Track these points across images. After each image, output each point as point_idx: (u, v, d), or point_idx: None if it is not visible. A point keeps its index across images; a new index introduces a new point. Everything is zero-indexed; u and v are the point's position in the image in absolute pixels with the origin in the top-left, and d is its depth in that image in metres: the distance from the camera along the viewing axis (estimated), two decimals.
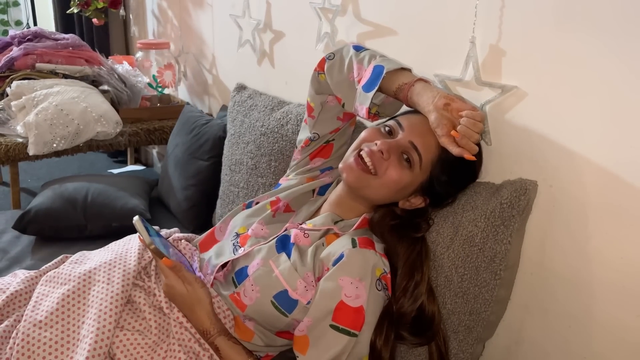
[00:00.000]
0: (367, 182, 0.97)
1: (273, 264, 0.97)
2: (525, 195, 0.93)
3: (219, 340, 0.92)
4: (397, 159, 0.96)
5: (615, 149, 0.85)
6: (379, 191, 0.99)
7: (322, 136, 1.18)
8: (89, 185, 1.72)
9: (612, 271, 0.89)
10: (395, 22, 1.23)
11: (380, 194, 1.00)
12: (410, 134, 0.96)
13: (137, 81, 2.22)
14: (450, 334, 1.00)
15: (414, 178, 0.97)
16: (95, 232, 1.64)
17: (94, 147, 2.01)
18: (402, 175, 0.96)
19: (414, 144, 0.95)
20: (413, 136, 0.96)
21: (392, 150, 0.96)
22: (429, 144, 0.96)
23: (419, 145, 0.95)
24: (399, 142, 0.96)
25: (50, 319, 0.91)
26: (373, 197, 1.01)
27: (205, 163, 1.74)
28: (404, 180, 0.96)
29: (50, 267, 1.06)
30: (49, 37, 2.32)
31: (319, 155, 1.20)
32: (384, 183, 0.97)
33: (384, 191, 0.98)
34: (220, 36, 2.08)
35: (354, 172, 0.97)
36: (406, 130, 0.97)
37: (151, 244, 0.90)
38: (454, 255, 0.98)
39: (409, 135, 0.96)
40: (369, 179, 0.97)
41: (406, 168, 0.96)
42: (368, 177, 0.97)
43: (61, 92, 1.97)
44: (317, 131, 1.17)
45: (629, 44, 0.81)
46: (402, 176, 0.96)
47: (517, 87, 0.97)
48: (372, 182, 0.97)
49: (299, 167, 1.22)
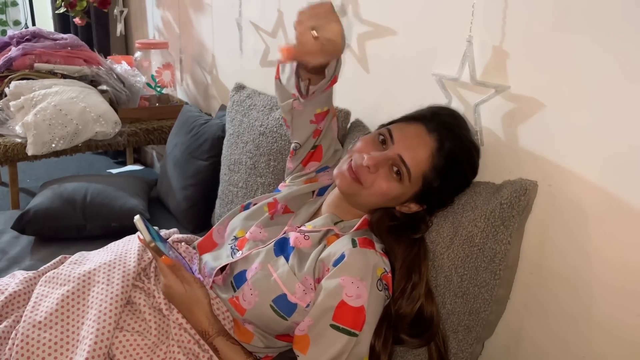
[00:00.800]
0: (357, 190, 0.98)
1: (271, 268, 0.97)
2: (525, 196, 0.93)
3: (218, 340, 0.92)
4: (387, 171, 0.96)
5: (614, 149, 0.85)
6: (369, 199, 0.99)
7: (304, 144, 1.17)
8: (88, 185, 1.72)
9: (611, 271, 0.89)
10: (395, 21, 1.23)
11: (371, 202, 1.00)
12: (400, 148, 0.95)
13: (136, 81, 2.22)
14: (450, 334, 1.00)
15: (404, 189, 0.97)
16: (95, 232, 1.64)
17: (92, 147, 2.01)
18: (390, 187, 0.96)
19: (402, 158, 0.95)
20: (402, 150, 0.95)
21: (379, 164, 0.95)
22: (419, 158, 0.94)
23: (407, 160, 0.94)
24: (387, 155, 0.96)
25: (50, 319, 0.91)
26: (365, 205, 1.02)
27: (204, 163, 1.73)
28: (393, 191, 0.96)
29: (49, 268, 1.05)
30: (48, 37, 2.31)
31: (311, 160, 1.20)
32: (373, 193, 0.97)
33: (374, 200, 0.99)
34: (219, 36, 2.08)
35: (346, 180, 0.98)
36: (396, 144, 0.96)
37: (151, 242, 0.90)
38: (454, 255, 0.98)
39: (398, 148, 0.95)
40: (359, 188, 0.97)
41: (395, 180, 0.96)
42: (359, 186, 0.97)
43: (60, 92, 1.97)
44: (297, 140, 1.17)
45: (627, 44, 0.81)
46: (391, 188, 0.96)
47: (513, 87, 0.97)
48: (362, 191, 0.98)
49: (294, 173, 1.22)
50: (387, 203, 1.00)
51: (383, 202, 1.00)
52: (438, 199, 1.00)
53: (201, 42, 2.23)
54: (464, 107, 1.08)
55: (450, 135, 0.95)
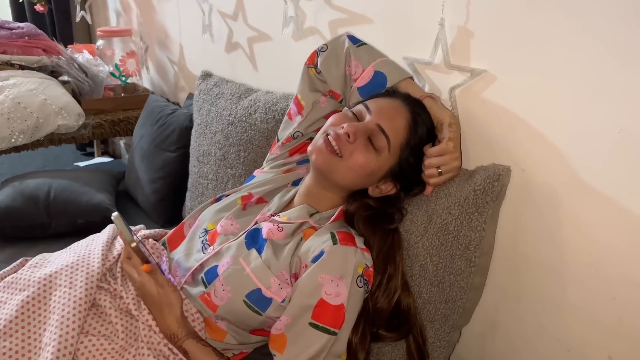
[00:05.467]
0: (335, 165, 0.94)
1: (243, 262, 0.94)
2: (499, 182, 0.91)
3: (188, 343, 0.89)
4: (364, 142, 0.93)
5: (586, 133, 0.84)
6: (346, 175, 0.95)
7: (305, 135, 1.15)
8: (51, 182, 1.66)
9: (584, 255, 0.89)
10: (365, 5, 1.20)
11: (347, 179, 0.96)
12: (378, 117, 0.94)
13: (99, 71, 2.13)
14: (427, 323, 0.99)
15: (382, 162, 0.95)
16: (60, 229, 1.58)
17: (55, 141, 1.93)
18: (369, 159, 0.93)
19: (381, 127, 0.93)
20: (381, 119, 0.94)
21: (358, 133, 0.93)
22: (397, 126, 0.94)
23: (386, 128, 0.93)
24: (366, 125, 0.94)
25: (10, 327, 0.87)
26: (341, 182, 0.98)
27: (172, 154, 1.69)
28: (371, 164, 0.94)
29: (8, 272, 1.01)
30: (3, 26, 2.21)
31: (299, 152, 1.17)
32: (350, 166, 0.94)
33: (351, 175, 0.95)
34: (185, 22, 2.01)
35: (323, 155, 0.94)
36: (373, 114, 0.95)
37: (132, 241, 0.87)
38: (429, 243, 0.96)
39: (376, 118, 0.94)
40: (336, 161, 0.94)
41: (373, 152, 0.94)
42: (336, 159, 0.94)
43: (18, 84, 1.88)
44: (301, 130, 1.14)
45: (600, 26, 0.79)
46: (369, 160, 0.93)
47: (487, 71, 0.95)
48: (339, 165, 0.94)
49: (277, 160, 1.19)
50: (364, 180, 0.97)
51: (360, 178, 0.96)
52: (412, 174, 0.98)
53: (166, 28, 2.15)
54: (441, 91, 1.06)
55: (423, 112, 0.97)
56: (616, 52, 0.78)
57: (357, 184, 0.98)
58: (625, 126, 0.79)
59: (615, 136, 0.80)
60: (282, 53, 1.50)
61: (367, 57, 1.05)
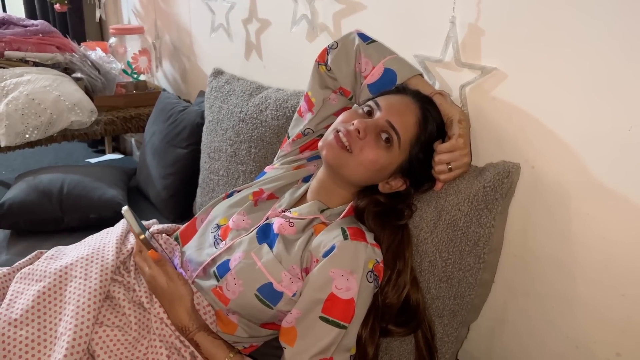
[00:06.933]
0: (345, 160, 0.95)
1: (255, 256, 0.95)
2: (509, 178, 0.92)
3: (199, 336, 0.91)
4: (375, 138, 0.94)
5: (597, 130, 0.85)
6: (356, 171, 0.96)
7: (315, 131, 1.16)
8: (64, 177, 1.68)
9: (594, 251, 0.89)
10: (377, 2, 1.21)
11: (357, 174, 0.97)
12: (388, 114, 0.95)
13: (111, 68, 2.16)
14: (435, 319, 1.00)
15: (392, 158, 0.95)
16: (73, 224, 1.60)
17: (68, 137, 1.96)
18: (379, 155, 0.94)
19: (391, 123, 0.94)
20: (391, 115, 0.94)
21: (368, 129, 0.94)
22: (407, 123, 0.95)
23: (396, 125, 0.94)
24: (376, 121, 0.95)
25: (26, 317, 0.88)
26: (351, 178, 0.99)
27: (183, 151, 1.70)
28: (381, 160, 0.95)
29: (24, 264, 1.02)
30: (17, 23, 2.24)
31: (309, 149, 1.18)
32: (360, 162, 0.94)
33: (361, 171, 0.96)
34: (196, 20, 2.03)
35: (333, 150, 0.95)
36: (384, 110, 0.96)
37: (141, 234, 0.89)
38: (438, 239, 0.97)
39: (386, 114, 0.95)
40: (347, 157, 0.95)
41: (384, 148, 0.94)
42: (346, 155, 0.94)
43: (32, 81, 1.91)
44: (311, 127, 1.15)
45: (610, 24, 0.79)
46: (379, 156, 0.94)
47: (497, 69, 0.96)
48: (349, 160, 0.95)
49: (288, 157, 1.20)
50: (374, 175, 0.98)
51: (370, 174, 0.97)
52: (422, 170, 0.99)
53: (178, 25, 2.17)
54: (451, 89, 1.06)
55: (433, 108, 0.98)
56: (627, 49, 0.78)
57: (367, 179, 0.99)
58: (636, 124, 0.79)
59: (626, 134, 0.81)
60: (293, 51, 1.51)
61: (377, 54, 1.05)
